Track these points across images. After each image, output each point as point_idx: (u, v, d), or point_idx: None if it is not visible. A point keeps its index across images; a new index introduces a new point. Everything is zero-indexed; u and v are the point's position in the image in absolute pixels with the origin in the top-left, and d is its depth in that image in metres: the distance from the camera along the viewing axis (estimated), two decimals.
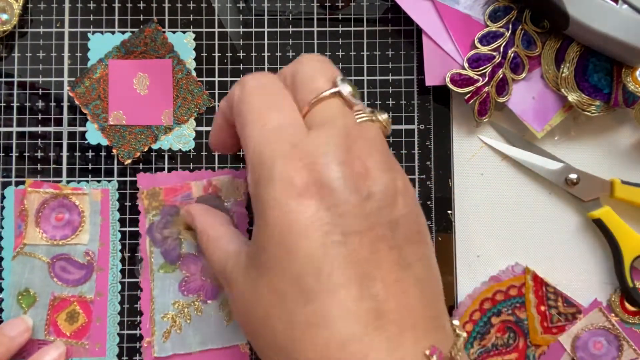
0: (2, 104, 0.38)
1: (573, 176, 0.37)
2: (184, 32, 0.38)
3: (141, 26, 0.38)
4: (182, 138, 0.38)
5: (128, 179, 0.38)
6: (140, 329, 0.37)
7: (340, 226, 0.23)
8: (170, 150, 0.38)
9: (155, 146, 0.38)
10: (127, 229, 0.38)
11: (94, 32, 0.38)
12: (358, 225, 0.23)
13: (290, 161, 0.24)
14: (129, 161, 0.38)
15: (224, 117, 0.30)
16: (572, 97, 0.36)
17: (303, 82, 0.26)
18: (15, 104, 0.38)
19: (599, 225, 0.37)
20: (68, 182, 0.38)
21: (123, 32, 0.38)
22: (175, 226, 0.37)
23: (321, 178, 0.23)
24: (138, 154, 0.38)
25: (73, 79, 0.38)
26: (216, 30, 0.38)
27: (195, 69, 0.38)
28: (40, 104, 0.38)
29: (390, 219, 0.24)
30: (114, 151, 0.38)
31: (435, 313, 0.25)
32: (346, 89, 0.26)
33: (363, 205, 0.23)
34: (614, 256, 0.37)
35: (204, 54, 0.38)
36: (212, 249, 0.31)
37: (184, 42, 0.38)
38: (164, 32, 0.38)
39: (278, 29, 0.38)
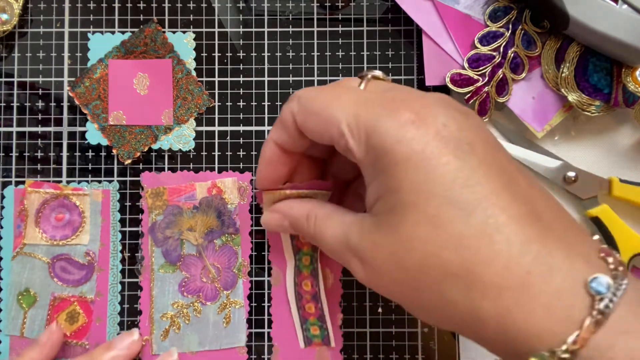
0: (2, 104, 0.38)
1: (571, 174, 0.37)
2: (184, 32, 0.38)
3: (141, 26, 0.38)
4: (182, 138, 0.38)
5: (128, 179, 0.38)
6: (139, 329, 0.37)
7: (463, 138, 0.24)
8: (170, 150, 0.38)
9: (155, 146, 0.38)
10: (128, 229, 0.38)
11: (94, 32, 0.38)
12: (474, 136, 0.24)
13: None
14: (129, 161, 0.38)
15: (278, 145, 0.31)
16: (572, 97, 0.36)
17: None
18: (15, 104, 0.38)
19: (597, 224, 0.37)
20: (68, 182, 0.38)
21: (123, 32, 0.38)
22: (177, 227, 0.37)
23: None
24: (138, 154, 0.38)
25: (73, 79, 0.38)
26: (216, 30, 0.38)
27: (195, 69, 0.38)
28: (40, 104, 0.38)
29: (489, 134, 0.26)
30: (114, 151, 0.38)
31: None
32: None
33: (468, 121, 0.25)
34: None
35: (204, 54, 0.38)
36: (323, 226, 0.28)
37: (184, 42, 0.38)
38: (164, 32, 0.38)
39: (278, 29, 0.38)
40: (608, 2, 0.34)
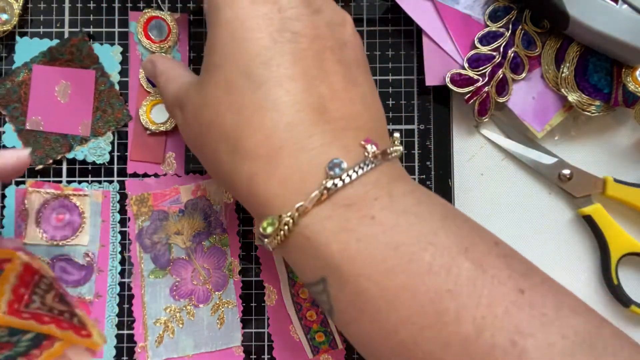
0: None
1: (566, 172, 0.37)
2: (111, 45, 0.38)
3: (69, 34, 0.37)
4: (97, 150, 0.37)
5: (128, 179, 0.38)
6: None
7: (290, 27, 0.25)
8: (84, 161, 0.37)
9: (69, 155, 0.37)
10: (127, 229, 0.38)
11: (22, 36, 0.37)
12: (307, 30, 0.26)
13: None
14: (40, 167, 0.37)
15: None
16: (572, 97, 0.36)
17: None
18: None
19: (589, 222, 0.37)
20: (68, 182, 0.38)
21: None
22: (164, 231, 0.37)
23: None
24: (51, 161, 0.37)
25: None
26: None
27: (119, 82, 0.37)
28: None
29: (338, 37, 0.27)
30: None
31: (378, 127, 0.27)
32: None
33: (312, 16, 0.26)
34: (601, 253, 0.37)
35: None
36: (168, 82, 0.31)
37: (110, 55, 0.38)
38: (91, 43, 0.37)
39: None
40: (608, 2, 0.34)
